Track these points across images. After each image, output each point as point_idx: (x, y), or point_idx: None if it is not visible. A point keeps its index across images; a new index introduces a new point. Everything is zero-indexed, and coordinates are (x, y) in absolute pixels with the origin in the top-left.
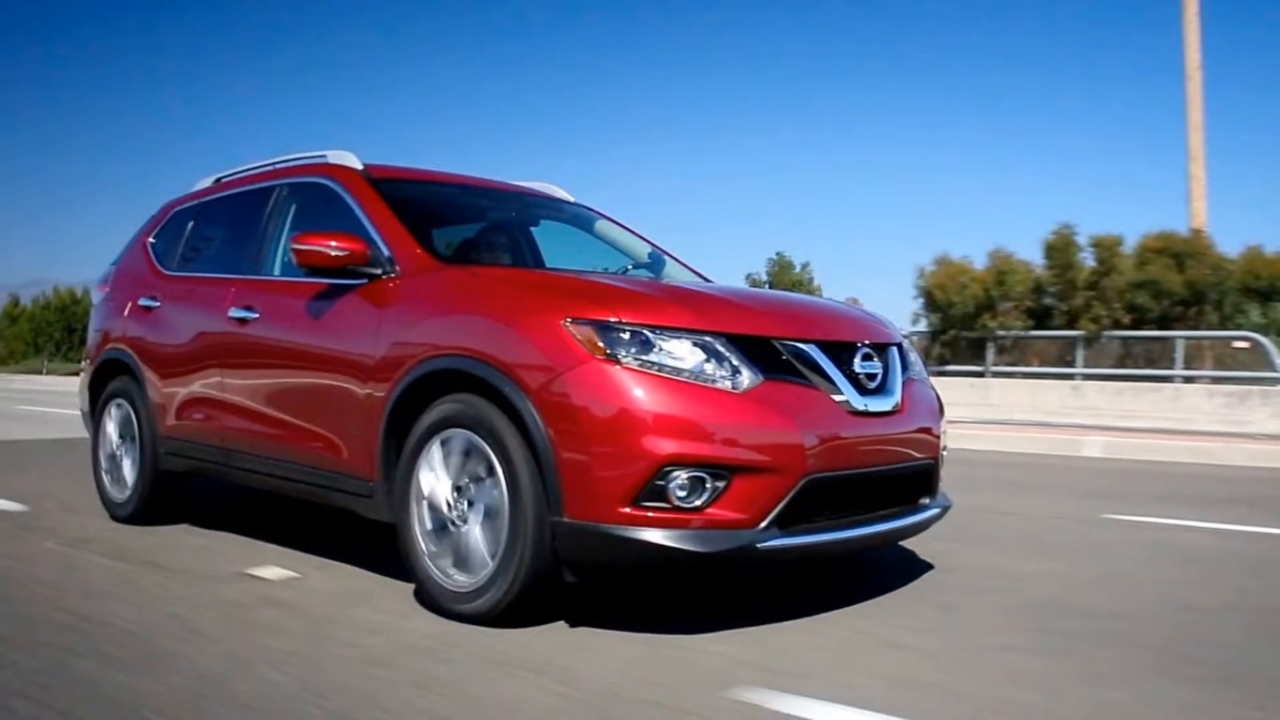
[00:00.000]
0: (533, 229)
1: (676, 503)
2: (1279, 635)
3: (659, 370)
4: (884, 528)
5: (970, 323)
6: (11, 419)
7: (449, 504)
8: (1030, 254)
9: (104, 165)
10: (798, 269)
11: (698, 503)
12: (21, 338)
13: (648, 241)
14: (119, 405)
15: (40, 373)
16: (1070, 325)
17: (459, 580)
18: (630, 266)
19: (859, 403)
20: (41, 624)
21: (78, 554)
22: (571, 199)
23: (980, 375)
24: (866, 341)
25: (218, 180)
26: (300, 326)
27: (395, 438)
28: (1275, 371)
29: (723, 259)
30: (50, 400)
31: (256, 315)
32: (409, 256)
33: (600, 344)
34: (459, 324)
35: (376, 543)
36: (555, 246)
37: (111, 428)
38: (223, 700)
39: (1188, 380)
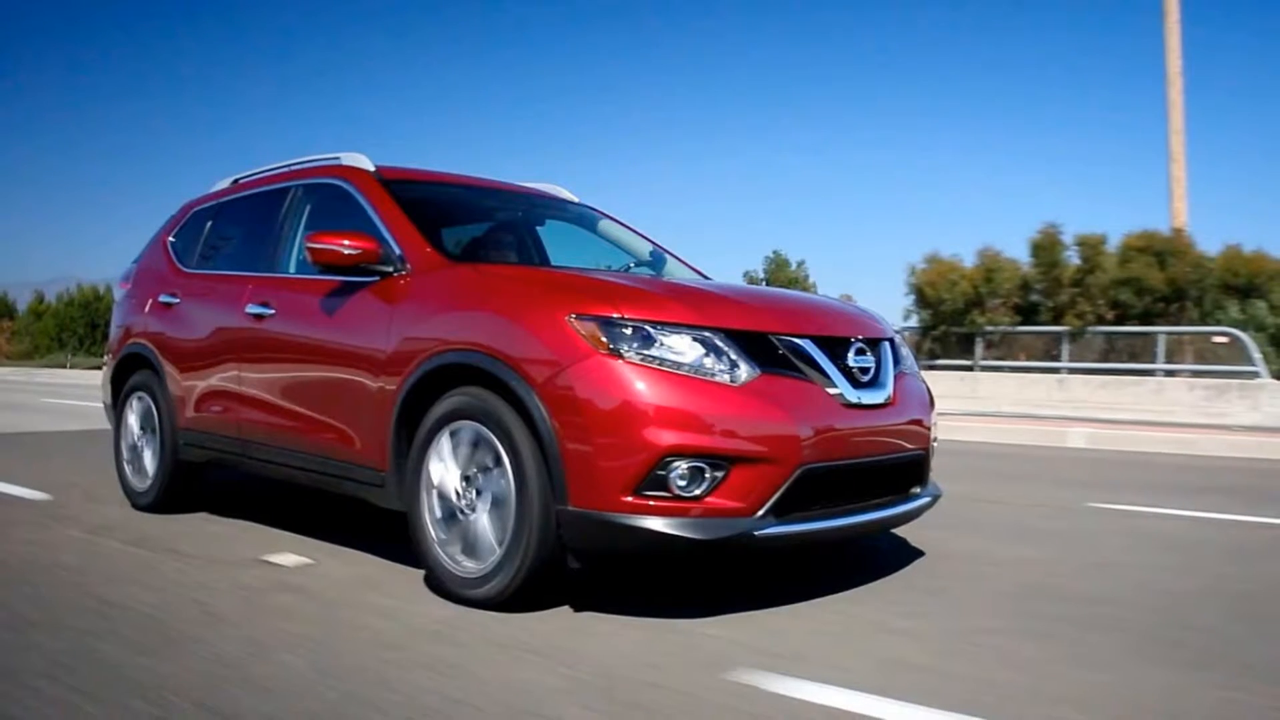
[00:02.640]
0: (538, 228)
1: (677, 492)
2: (1256, 619)
3: (660, 364)
4: (877, 516)
5: (960, 319)
6: (37, 411)
7: (458, 493)
8: (1017, 252)
9: (125, 167)
10: (794, 267)
11: (697, 492)
12: (46, 333)
13: (649, 240)
14: (140, 398)
15: (64, 367)
16: (1056, 321)
17: (467, 566)
18: (632, 264)
19: (852, 396)
20: (65, 608)
21: (100, 541)
22: (575, 199)
23: (969, 369)
24: (860, 336)
25: (235, 181)
26: (315, 322)
27: (406, 429)
28: (1253, 366)
29: (721, 257)
30: (74, 393)
31: (273, 311)
32: (419, 255)
33: (603, 339)
34: (468, 320)
35: (387, 530)
36: (560, 245)
37: (133, 420)
38: (240, 682)
39: (1169, 374)
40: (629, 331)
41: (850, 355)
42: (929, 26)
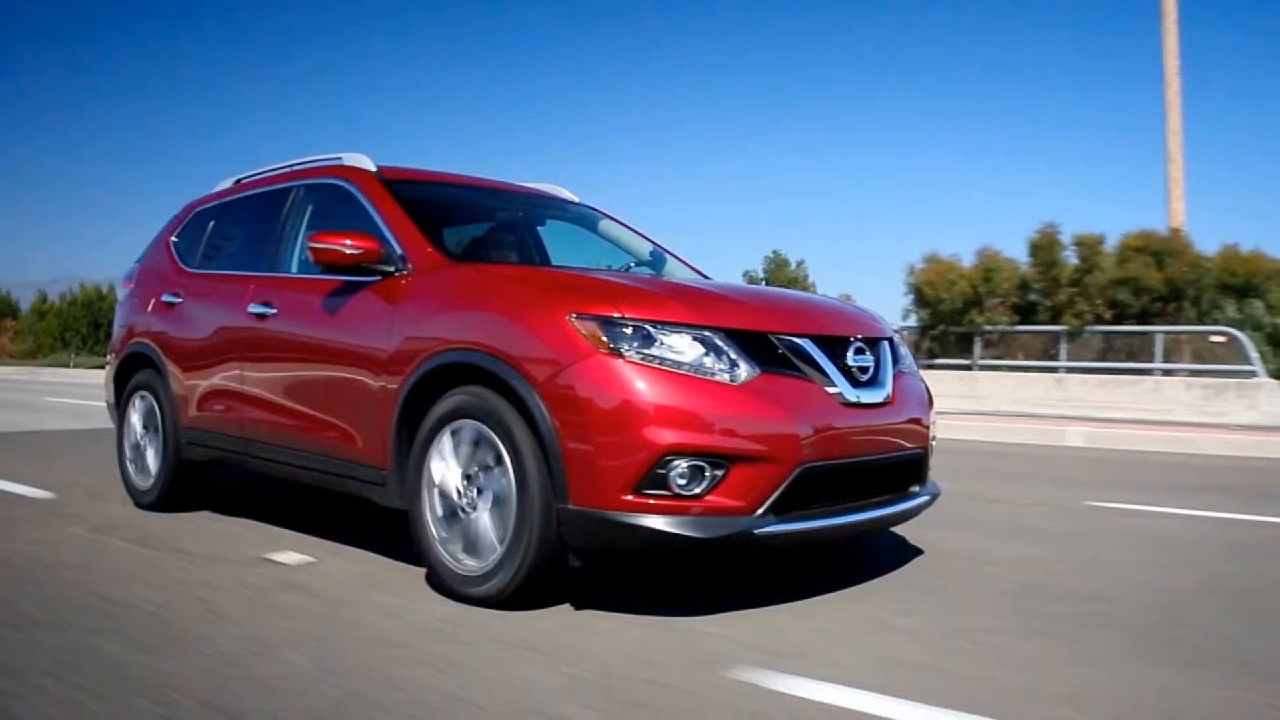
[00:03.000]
0: (539, 228)
1: (677, 490)
2: (1253, 617)
3: (660, 364)
4: (876, 514)
5: (958, 318)
6: (40, 410)
7: (459, 492)
8: (1016, 252)
9: (128, 167)
10: (793, 266)
11: (697, 490)
12: (50, 332)
13: (649, 240)
14: (143, 397)
15: (68, 366)
16: (1054, 320)
17: (468, 565)
18: (632, 264)
19: (851, 395)
20: (69, 606)
21: (104, 539)
22: (576, 199)
23: (968, 368)
24: (859, 336)
25: (237, 181)
26: (317, 322)
27: (407, 428)
28: (1250, 365)
29: (721, 257)
30: (77, 392)
31: (275, 311)
32: (421, 255)
33: (604, 338)
34: (469, 319)
35: (389, 529)
36: (560, 245)
37: (136, 419)
38: (243, 680)
39: (1166, 373)
40: (629, 331)
41: (849, 354)
42: (929, 27)
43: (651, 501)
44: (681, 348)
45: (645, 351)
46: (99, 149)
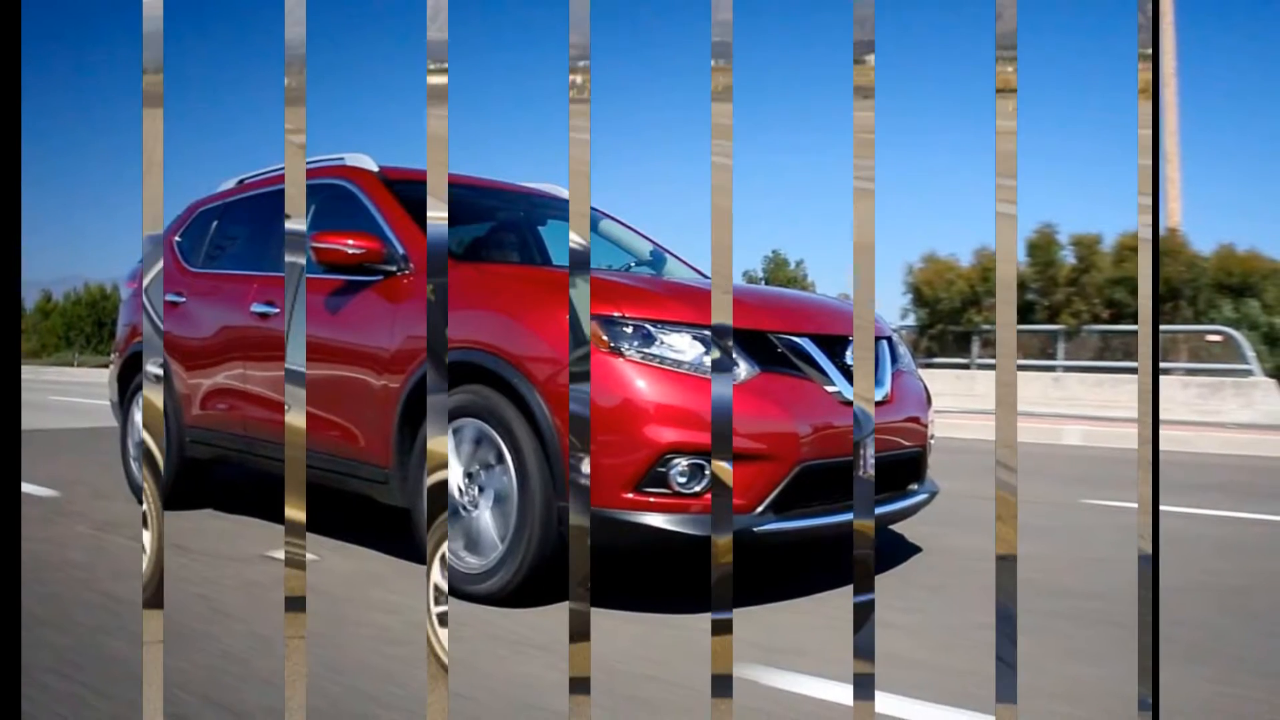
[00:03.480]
0: (540, 228)
1: (677, 488)
2: (1247, 614)
3: (660, 363)
4: (874, 512)
5: (956, 317)
6: (44, 409)
7: (460, 490)
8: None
9: (132, 166)
10: (792, 266)
11: (697, 488)
12: (54, 332)
13: (649, 240)
14: None
15: (71, 365)
16: (1052, 320)
17: (470, 563)
18: (633, 264)
19: (850, 393)
20: (73, 604)
21: (107, 537)
22: None
23: (966, 367)
24: None
25: (240, 181)
26: (319, 321)
27: (409, 427)
28: (1247, 364)
29: None
30: (81, 391)
31: (277, 310)
32: (422, 254)
33: (605, 338)
34: (470, 319)
35: (391, 527)
36: (561, 245)
37: (139, 417)
38: (246, 677)
39: (1163, 372)
40: (630, 330)
41: (848, 353)
42: (927, 29)
43: (652, 499)
44: (682, 347)
45: (646, 350)
46: (104, 148)
